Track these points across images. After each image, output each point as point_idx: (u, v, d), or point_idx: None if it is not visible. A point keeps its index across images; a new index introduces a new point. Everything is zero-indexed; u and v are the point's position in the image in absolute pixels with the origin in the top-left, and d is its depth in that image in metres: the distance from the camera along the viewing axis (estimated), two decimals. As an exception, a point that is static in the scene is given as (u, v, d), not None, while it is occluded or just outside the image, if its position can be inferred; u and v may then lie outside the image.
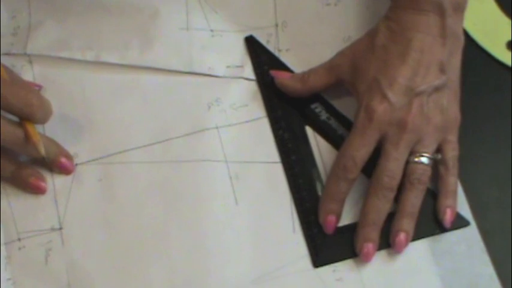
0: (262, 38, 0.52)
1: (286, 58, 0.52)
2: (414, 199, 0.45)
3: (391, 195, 0.45)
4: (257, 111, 0.50)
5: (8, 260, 0.45)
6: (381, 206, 0.45)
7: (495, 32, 0.54)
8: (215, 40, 0.52)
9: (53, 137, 0.47)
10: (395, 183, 0.45)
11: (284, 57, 0.52)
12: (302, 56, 0.51)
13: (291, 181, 0.48)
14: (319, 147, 0.49)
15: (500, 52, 0.53)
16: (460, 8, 0.47)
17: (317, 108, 0.50)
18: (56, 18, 0.51)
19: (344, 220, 0.47)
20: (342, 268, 0.46)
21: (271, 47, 0.52)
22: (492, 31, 0.54)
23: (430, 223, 0.47)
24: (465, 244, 0.47)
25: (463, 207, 0.48)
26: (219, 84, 0.51)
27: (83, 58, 0.50)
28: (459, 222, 0.47)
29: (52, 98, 0.46)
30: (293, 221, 0.47)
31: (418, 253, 0.46)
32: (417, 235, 0.46)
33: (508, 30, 0.54)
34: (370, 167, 0.45)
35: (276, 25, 0.52)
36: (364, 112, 0.45)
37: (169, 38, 0.51)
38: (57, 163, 0.47)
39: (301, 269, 0.46)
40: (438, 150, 0.47)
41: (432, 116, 0.45)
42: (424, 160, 0.45)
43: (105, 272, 0.45)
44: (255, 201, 0.47)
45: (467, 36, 0.53)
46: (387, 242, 0.46)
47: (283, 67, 0.51)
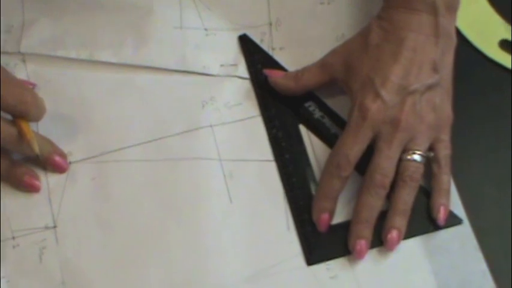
0: (256, 37, 0.52)
1: (280, 56, 0.52)
2: (407, 196, 0.45)
3: (384, 192, 0.45)
4: (251, 109, 0.50)
5: (2, 259, 0.45)
6: (374, 204, 0.45)
7: (488, 31, 0.54)
8: (209, 39, 0.52)
9: (47, 136, 0.47)
10: (388, 181, 0.45)
11: (278, 55, 0.52)
12: (296, 55, 0.51)
13: (285, 179, 0.48)
14: (312, 145, 0.49)
15: (493, 51, 0.53)
16: (453, 8, 0.47)
17: (311, 106, 0.50)
18: (50, 16, 0.51)
19: (337, 218, 0.47)
20: (336, 266, 0.46)
21: (265, 46, 0.52)
22: (485, 30, 0.54)
23: (424, 221, 0.47)
24: (458, 241, 0.47)
25: (456, 205, 0.48)
26: (213, 82, 0.51)
27: (77, 57, 0.50)
28: (452, 220, 0.47)
29: (46, 97, 0.46)
30: (287, 219, 0.47)
31: (412, 250, 0.46)
32: (410, 233, 0.46)
33: (501, 29, 0.54)
34: (363, 165, 0.46)
35: (270, 24, 0.53)
36: (357, 110, 0.45)
37: (163, 37, 0.51)
38: (51, 161, 0.47)
39: (295, 267, 0.46)
40: (431, 148, 0.47)
41: (425, 115, 0.46)
42: (417, 158, 0.45)
43: (99, 270, 0.45)
44: (249, 199, 0.47)
45: (460, 35, 0.53)
46: (380, 240, 0.46)
47: (276, 66, 0.51)
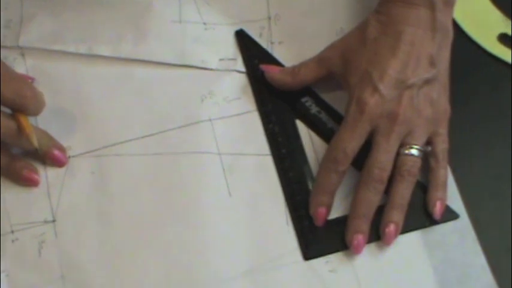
0: (255, 31, 0.52)
1: (279, 51, 0.52)
2: (404, 191, 0.45)
3: (382, 187, 0.45)
4: (249, 104, 0.50)
5: (2, 253, 0.45)
6: (371, 198, 0.45)
7: (486, 25, 0.54)
8: (208, 33, 0.52)
9: (46, 130, 0.47)
10: (385, 175, 0.45)
11: (277, 49, 0.52)
12: (295, 49, 0.51)
13: (282, 174, 0.48)
14: (310, 140, 0.49)
15: (491, 45, 0.53)
16: (450, 2, 0.47)
17: (307, 102, 0.50)
18: (49, 10, 0.51)
19: (334, 213, 0.47)
20: (335, 259, 0.46)
21: (264, 40, 0.52)
22: (483, 24, 0.54)
23: (420, 216, 0.47)
24: (457, 235, 0.47)
25: (455, 198, 0.48)
26: (212, 77, 0.51)
27: (76, 51, 0.50)
28: (449, 215, 0.47)
29: (45, 91, 0.46)
30: (286, 213, 0.47)
31: (411, 244, 0.47)
32: (407, 228, 0.46)
33: (499, 23, 0.54)
34: (359, 160, 0.46)
35: (269, 18, 0.53)
36: (355, 104, 0.45)
37: (162, 31, 0.51)
38: (50, 155, 0.47)
39: (294, 261, 0.46)
40: (428, 142, 0.47)
41: (422, 109, 0.46)
42: (415, 152, 0.45)
43: (98, 264, 0.45)
44: (248, 193, 0.48)
45: (458, 29, 0.53)
46: (377, 234, 0.46)
47: (273, 61, 0.51)
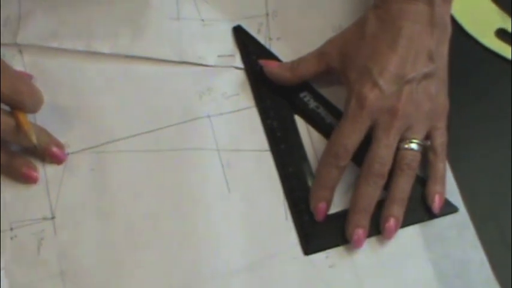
0: (253, 27, 0.52)
1: (277, 47, 0.52)
2: (404, 185, 0.46)
3: (382, 182, 0.45)
4: (248, 100, 0.50)
5: (1, 250, 0.45)
6: (372, 193, 0.45)
7: (484, 21, 0.54)
8: (206, 29, 0.52)
9: (45, 127, 0.47)
10: (386, 169, 0.45)
11: (275, 46, 0.52)
12: (293, 45, 0.51)
13: (281, 170, 0.48)
14: (309, 136, 0.49)
15: (489, 40, 0.53)
16: (448, -2, 0.47)
17: (306, 97, 0.50)
18: (46, 7, 0.51)
19: (334, 208, 0.47)
20: (335, 254, 0.46)
21: (262, 36, 0.52)
22: (481, 19, 0.54)
23: (419, 210, 0.47)
24: (456, 229, 0.47)
25: (454, 193, 0.48)
26: (211, 73, 0.51)
27: (74, 48, 0.50)
28: (448, 208, 0.47)
29: (43, 88, 0.45)
30: (285, 209, 0.47)
31: (410, 238, 0.47)
32: (406, 222, 0.46)
33: (497, 18, 0.54)
34: (359, 156, 0.46)
35: (267, 14, 0.53)
36: (355, 99, 0.45)
37: (160, 28, 0.51)
38: (48, 152, 0.46)
39: (294, 256, 0.46)
40: (427, 137, 0.47)
41: (422, 103, 0.46)
42: (414, 146, 0.46)
43: (97, 261, 0.45)
44: (248, 189, 0.48)
45: (456, 24, 0.53)
46: (377, 229, 0.46)
47: (271, 56, 0.51)
